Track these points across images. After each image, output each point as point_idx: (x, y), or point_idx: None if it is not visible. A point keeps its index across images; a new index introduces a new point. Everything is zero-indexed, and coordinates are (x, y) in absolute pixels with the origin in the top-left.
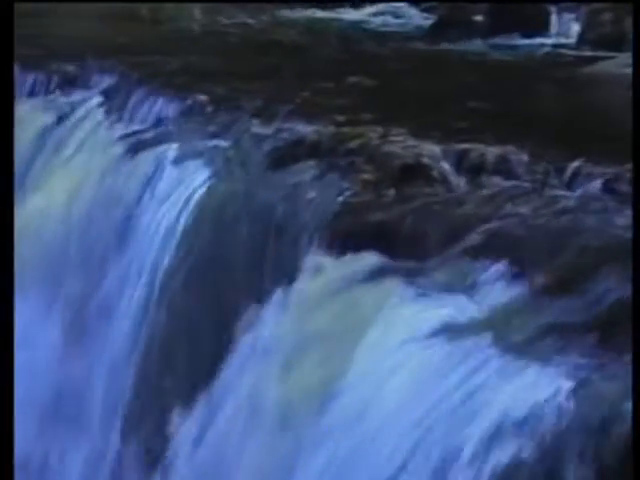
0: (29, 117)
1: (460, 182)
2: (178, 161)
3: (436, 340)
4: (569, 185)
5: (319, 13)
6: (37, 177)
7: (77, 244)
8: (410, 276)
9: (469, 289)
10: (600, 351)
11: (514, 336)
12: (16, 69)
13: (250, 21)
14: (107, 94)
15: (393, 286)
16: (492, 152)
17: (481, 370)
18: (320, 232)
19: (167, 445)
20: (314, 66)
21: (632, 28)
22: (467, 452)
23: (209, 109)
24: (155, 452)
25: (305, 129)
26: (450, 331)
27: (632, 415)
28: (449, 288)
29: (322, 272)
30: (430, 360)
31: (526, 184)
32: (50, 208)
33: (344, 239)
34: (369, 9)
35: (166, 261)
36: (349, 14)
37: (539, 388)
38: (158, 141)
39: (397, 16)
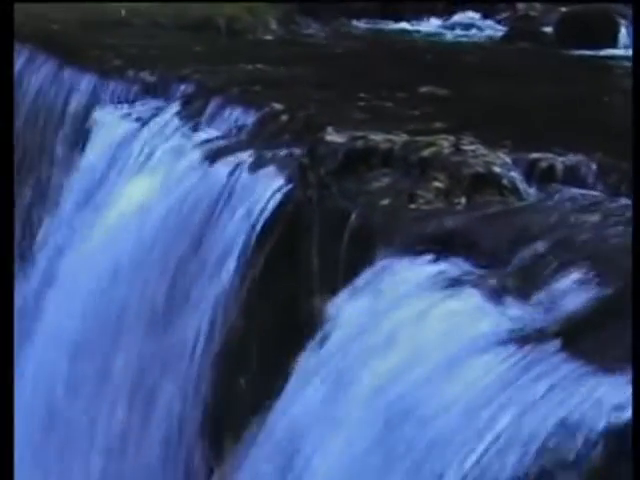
0: (109, 126)
1: (530, 191)
2: (253, 168)
3: (505, 346)
4: None
5: (391, 25)
6: (116, 185)
7: (154, 250)
8: (480, 283)
9: (539, 296)
10: None
11: (583, 343)
12: (96, 78)
13: (324, 32)
14: (184, 103)
15: (463, 293)
16: (562, 161)
17: (550, 376)
18: (393, 239)
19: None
20: (387, 76)
21: (632, 28)
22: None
23: (284, 117)
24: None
25: (378, 138)
26: (519, 337)
27: (632, 415)
28: (519, 295)
29: (394, 279)
30: (499, 366)
31: (596, 193)
32: (128, 215)
33: (416, 246)
34: (440, 21)
35: (241, 266)
36: (421, 26)
37: (608, 396)
38: (234, 149)
39: (468, 27)
